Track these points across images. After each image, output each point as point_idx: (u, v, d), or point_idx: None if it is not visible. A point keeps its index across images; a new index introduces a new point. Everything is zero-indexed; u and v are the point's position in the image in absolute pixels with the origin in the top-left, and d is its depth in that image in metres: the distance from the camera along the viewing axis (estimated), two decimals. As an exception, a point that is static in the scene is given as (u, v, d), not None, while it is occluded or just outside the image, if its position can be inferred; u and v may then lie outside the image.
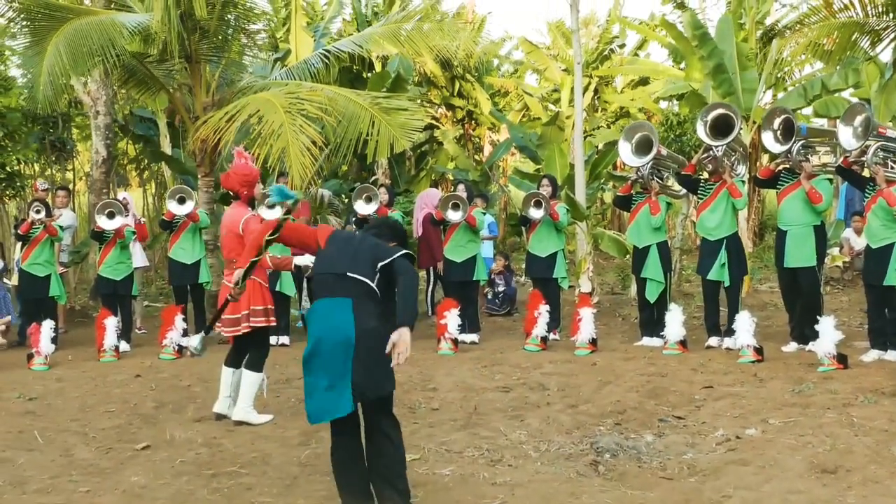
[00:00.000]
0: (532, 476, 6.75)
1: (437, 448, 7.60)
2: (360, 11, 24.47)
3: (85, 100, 18.11)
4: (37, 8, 13.83)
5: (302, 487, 6.72)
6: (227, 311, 8.45)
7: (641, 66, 25.45)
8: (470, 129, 28.07)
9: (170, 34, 13.33)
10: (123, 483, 6.96)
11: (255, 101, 13.35)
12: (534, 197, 13.06)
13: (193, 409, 9.41)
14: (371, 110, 13.80)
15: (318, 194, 16.23)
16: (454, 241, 13.15)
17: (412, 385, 10.14)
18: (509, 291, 15.87)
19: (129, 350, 13.10)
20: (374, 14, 24.42)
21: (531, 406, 9.04)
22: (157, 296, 19.07)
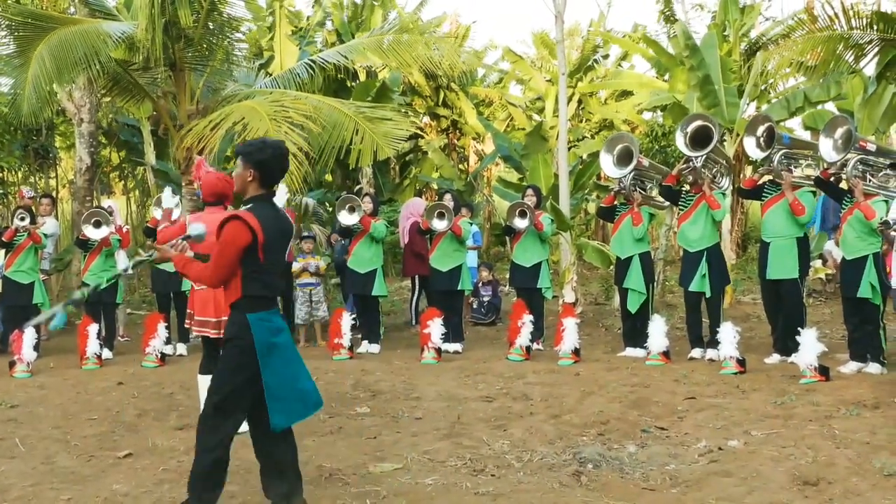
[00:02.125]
0: (515, 486, 6.75)
1: (419, 457, 7.59)
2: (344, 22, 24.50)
3: (69, 107, 18.09)
4: (21, 17, 13.80)
5: (285, 496, 6.70)
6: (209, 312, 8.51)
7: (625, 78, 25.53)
8: (454, 138, 28.12)
9: (154, 42, 13.32)
10: (105, 491, 6.94)
11: (239, 108, 13.35)
12: (518, 207, 13.08)
13: (176, 416, 9.39)
14: (355, 118, 13.82)
15: (303, 203, 16.24)
16: (440, 250, 13.17)
17: (395, 394, 10.15)
18: (494, 301, 15.89)
19: (111, 357, 13.08)
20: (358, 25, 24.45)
21: (514, 416, 9.05)
22: (139, 303, 19.02)
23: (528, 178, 19.15)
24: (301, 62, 16.48)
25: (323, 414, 9.25)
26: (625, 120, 26.55)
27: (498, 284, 16.34)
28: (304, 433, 8.52)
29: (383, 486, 6.80)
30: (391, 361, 12.23)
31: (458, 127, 27.59)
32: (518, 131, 26.52)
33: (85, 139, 18.08)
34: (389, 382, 10.74)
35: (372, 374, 11.29)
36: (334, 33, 24.52)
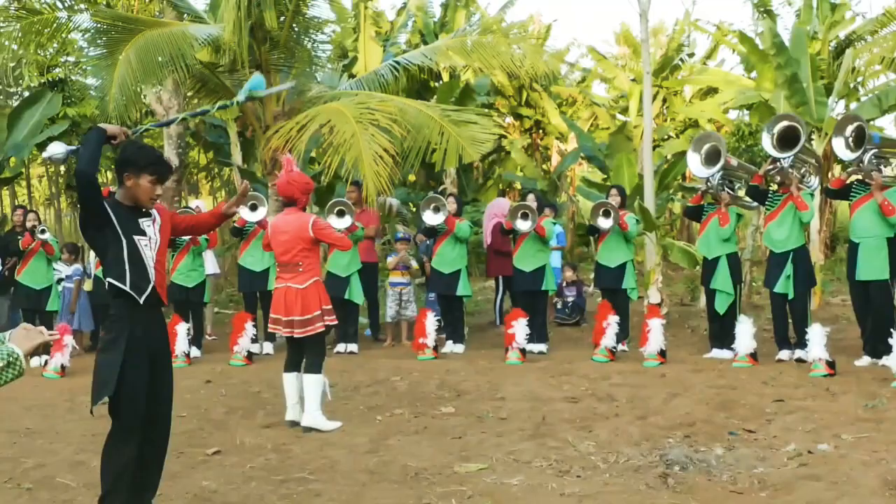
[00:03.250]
0: (601, 488, 6.71)
1: (504, 457, 7.59)
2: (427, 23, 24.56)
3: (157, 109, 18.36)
4: (111, 20, 14.06)
5: (370, 495, 6.74)
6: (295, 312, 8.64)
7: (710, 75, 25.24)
8: (538, 138, 28.05)
9: (240, 44, 13.48)
10: (194, 487, 7.04)
11: (325, 110, 13.47)
12: (602, 206, 13.01)
13: (263, 414, 9.50)
14: (440, 122, 13.86)
15: (387, 203, 16.32)
16: (523, 250, 13.13)
17: (480, 394, 10.16)
18: (578, 301, 15.83)
19: (200, 356, 13.26)
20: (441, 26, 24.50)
21: (599, 417, 9.01)
22: (227, 302, 19.25)
23: (611, 178, 19.06)
24: (385, 63, 16.57)
25: (408, 413, 9.32)
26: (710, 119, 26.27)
27: (582, 285, 16.28)
28: (389, 433, 8.58)
29: (469, 485, 6.81)
30: (475, 362, 12.24)
31: (541, 127, 27.52)
32: (602, 131, 26.40)
33: (173, 140, 18.34)
34: (474, 382, 10.75)
35: (456, 374, 11.31)
36: (417, 34, 24.59)
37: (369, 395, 10.29)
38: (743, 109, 23.59)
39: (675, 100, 27.28)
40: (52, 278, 13.72)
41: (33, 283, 13.50)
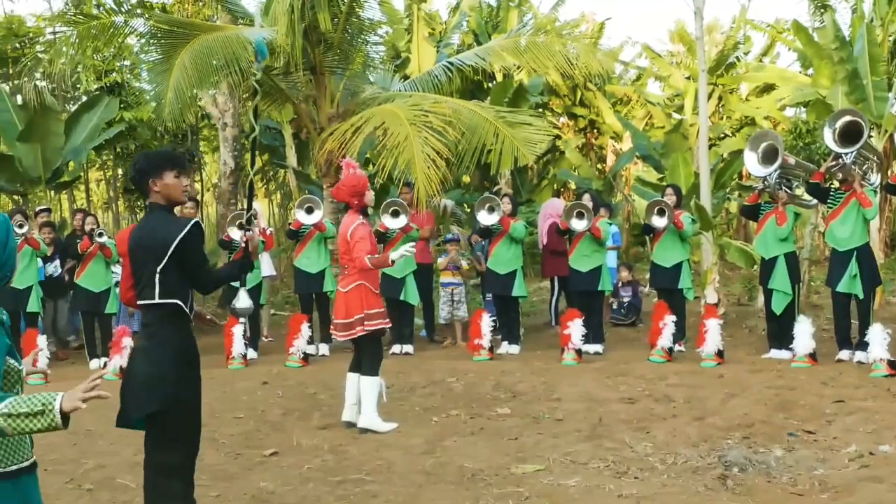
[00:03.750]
0: (659, 489, 6.67)
1: (561, 458, 7.57)
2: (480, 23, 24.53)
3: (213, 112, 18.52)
4: (167, 26, 14.18)
5: (427, 496, 6.74)
6: (340, 315, 8.66)
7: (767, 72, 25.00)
8: (592, 138, 27.94)
9: (294, 47, 13.55)
10: (252, 488, 7.08)
11: (380, 112, 13.50)
12: (657, 205, 12.91)
13: (319, 416, 9.53)
14: (495, 123, 13.85)
15: (441, 205, 16.32)
16: (579, 251, 13.06)
17: (536, 395, 10.13)
18: (634, 302, 15.73)
19: (256, 358, 13.32)
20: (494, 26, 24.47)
21: (657, 418, 8.95)
22: (283, 304, 19.34)
23: (667, 177, 18.94)
24: (439, 64, 16.59)
25: (464, 415, 9.31)
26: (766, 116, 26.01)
27: (638, 285, 16.17)
28: (445, 434, 8.58)
29: (525, 486, 6.80)
30: (531, 362, 12.20)
31: (595, 126, 27.41)
32: (657, 130, 26.23)
33: (228, 143, 18.48)
34: (530, 383, 10.72)
35: (512, 374, 11.28)
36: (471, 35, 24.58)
37: (425, 397, 10.29)
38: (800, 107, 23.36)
39: (731, 98, 27.03)
40: (110, 281, 13.84)
41: (92, 286, 13.61)
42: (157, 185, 5.67)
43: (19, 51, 21.61)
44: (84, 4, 18.08)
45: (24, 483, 3.68)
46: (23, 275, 13.11)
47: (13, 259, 3.69)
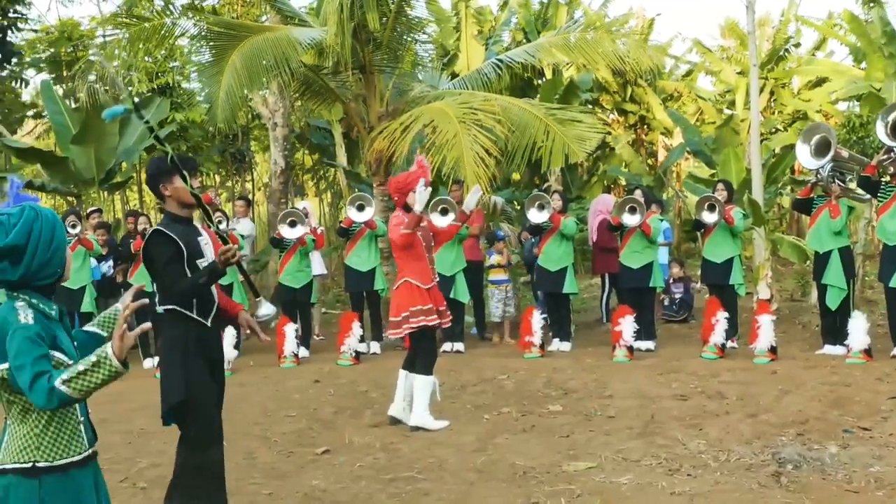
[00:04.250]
0: (712, 486, 6.63)
1: (613, 456, 7.54)
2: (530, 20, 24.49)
3: (264, 112, 18.62)
4: (218, 28, 14.27)
5: (478, 494, 6.74)
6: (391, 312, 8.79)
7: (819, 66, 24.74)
8: (642, 133, 27.80)
9: (343, 47, 13.59)
10: (304, 486, 7.12)
11: (429, 110, 13.51)
12: (707, 200, 12.83)
13: (371, 414, 9.56)
14: (545, 120, 13.81)
15: (491, 202, 16.31)
16: (630, 247, 13.01)
17: (588, 392, 10.11)
18: (686, 298, 15.64)
19: (308, 356, 13.38)
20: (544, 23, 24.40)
21: (709, 415, 8.90)
22: (334, 303, 19.42)
23: (719, 173, 18.80)
24: (488, 62, 16.58)
25: (516, 412, 9.31)
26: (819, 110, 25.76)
27: (690, 281, 16.08)
28: (496, 431, 8.58)
29: (577, 484, 6.79)
30: (582, 359, 12.18)
31: (646, 122, 27.26)
32: (708, 125, 26.05)
33: (279, 143, 18.58)
34: (581, 381, 10.69)
35: (563, 372, 11.26)
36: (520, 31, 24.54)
37: (476, 394, 10.30)
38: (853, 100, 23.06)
39: (782, 92, 26.79)
40: (162, 281, 13.96)
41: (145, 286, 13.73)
42: (168, 189, 5.83)
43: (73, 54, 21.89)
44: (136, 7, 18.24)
45: (74, 477, 3.70)
46: (77, 275, 13.25)
47: (59, 257, 3.75)
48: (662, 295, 15.54)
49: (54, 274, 3.75)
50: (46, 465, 3.62)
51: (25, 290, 3.68)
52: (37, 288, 3.72)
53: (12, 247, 3.61)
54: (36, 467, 3.61)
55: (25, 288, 3.69)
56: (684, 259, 19.11)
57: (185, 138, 21.61)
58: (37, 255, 3.66)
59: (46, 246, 3.68)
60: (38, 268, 3.68)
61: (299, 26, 15.39)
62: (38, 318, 3.62)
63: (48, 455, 3.63)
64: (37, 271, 3.68)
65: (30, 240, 3.64)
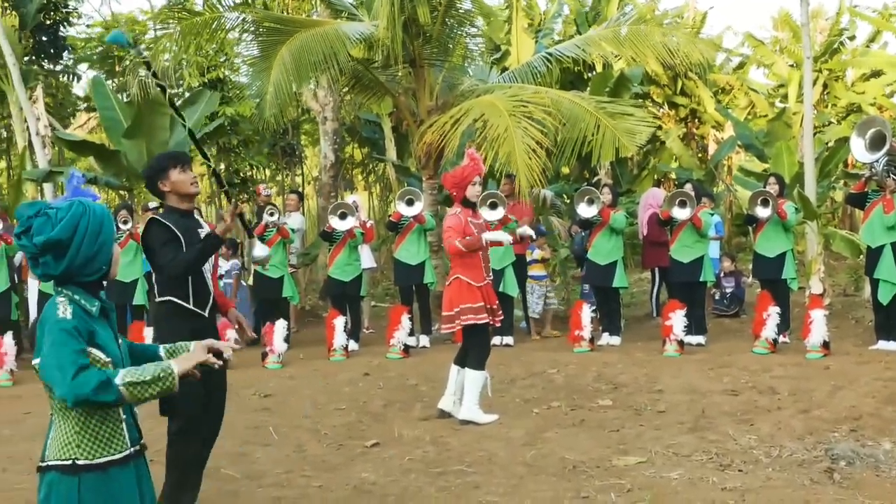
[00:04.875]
0: (763, 482, 6.58)
1: (663, 451, 7.51)
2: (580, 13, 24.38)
3: (314, 106, 18.68)
4: (268, 23, 14.32)
5: (528, 488, 6.74)
6: (443, 308, 8.76)
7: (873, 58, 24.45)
8: (693, 127, 27.60)
9: (394, 40, 13.60)
10: (354, 479, 7.14)
11: (479, 104, 13.50)
12: (760, 195, 12.73)
13: (420, 407, 9.58)
14: (596, 114, 13.76)
15: (541, 195, 16.27)
16: (680, 241, 12.92)
17: (638, 386, 10.06)
18: (737, 292, 15.52)
19: (357, 349, 13.42)
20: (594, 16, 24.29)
21: (761, 410, 8.83)
22: (383, 296, 19.46)
23: (771, 166, 18.63)
24: (538, 55, 16.53)
25: (565, 406, 9.29)
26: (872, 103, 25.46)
27: (741, 275, 15.95)
28: (546, 425, 8.57)
29: (627, 479, 6.76)
30: (632, 354, 12.12)
31: (696, 116, 27.08)
32: (760, 118, 25.83)
33: (329, 136, 18.63)
34: (631, 375, 10.64)
35: (613, 366, 11.20)
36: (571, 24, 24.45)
37: (525, 388, 10.28)
38: (908, 93, 22.81)
39: (836, 85, 26.49)
40: (215, 273, 14.06)
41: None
42: (167, 185, 5.98)
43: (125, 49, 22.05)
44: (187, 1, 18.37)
45: (114, 476, 3.67)
46: (128, 269, 13.42)
47: (105, 254, 3.73)
48: (713, 289, 15.41)
49: (99, 271, 3.73)
50: (86, 462, 3.61)
51: (69, 286, 3.69)
52: (81, 284, 3.71)
53: (56, 241, 3.60)
54: (76, 465, 3.60)
55: (69, 283, 3.69)
56: (735, 253, 18.97)
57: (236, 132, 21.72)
58: (81, 250, 3.64)
59: (92, 242, 3.66)
60: (83, 264, 3.66)
61: (349, 20, 15.42)
62: (77, 313, 3.61)
63: (88, 453, 3.61)
64: (81, 267, 3.67)
65: (75, 235, 3.63)
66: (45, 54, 21.76)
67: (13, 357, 12.31)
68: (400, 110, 16.31)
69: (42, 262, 3.65)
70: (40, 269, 3.68)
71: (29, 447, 8.17)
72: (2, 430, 9.31)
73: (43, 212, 3.66)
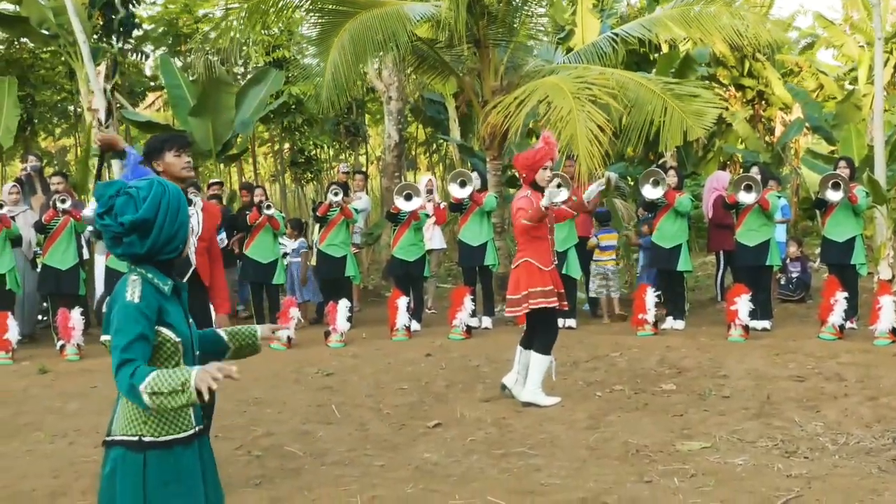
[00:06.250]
0: (830, 470, 6.50)
1: (728, 436, 7.45)
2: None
3: (378, 86, 18.70)
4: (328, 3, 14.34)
5: (591, 471, 6.71)
6: (509, 290, 8.68)
7: (948, 38, 24.00)
8: (760, 109, 27.28)
9: (458, 21, 13.56)
10: (416, 459, 7.16)
11: (543, 85, 13.42)
12: (832, 178, 12.54)
13: (482, 388, 9.58)
14: (663, 96, 13.62)
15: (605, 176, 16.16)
16: (747, 224, 12.75)
17: (702, 371, 9.97)
18: (803, 277, 15.33)
19: (419, 330, 13.43)
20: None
21: (827, 397, 8.72)
22: (445, 277, 19.47)
23: (839, 149, 18.38)
24: (603, 35, 16.40)
25: (628, 390, 9.25)
26: (946, 85, 25.02)
27: (807, 260, 15.75)
28: (609, 409, 8.54)
29: (691, 464, 6.72)
30: (696, 338, 12.00)
31: (764, 97, 26.75)
32: (829, 101, 25.47)
33: (393, 116, 18.65)
34: (695, 359, 10.54)
35: (677, 350, 11.10)
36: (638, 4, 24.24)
37: (588, 371, 10.23)
38: None
39: (908, 66, 26.06)
40: (278, 252, 14.15)
41: (260, 258, 13.94)
42: (161, 166, 6.14)
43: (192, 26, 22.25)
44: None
45: (178, 454, 3.72)
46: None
47: (184, 232, 3.81)
48: (779, 274, 15.23)
49: (176, 249, 3.80)
50: (151, 439, 3.66)
51: (144, 264, 3.73)
52: (155, 262, 3.76)
53: (143, 220, 3.66)
54: (142, 441, 3.66)
55: (148, 263, 3.74)
56: (802, 237, 18.74)
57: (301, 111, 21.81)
58: (164, 229, 3.70)
59: (173, 220, 3.73)
60: (164, 242, 3.73)
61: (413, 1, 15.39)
62: (148, 292, 3.65)
63: (154, 430, 3.67)
64: (162, 245, 3.73)
65: (158, 213, 3.69)
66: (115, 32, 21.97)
67: (80, 332, 12.48)
68: (464, 90, 16.25)
69: (127, 241, 3.69)
70: (122, 248, 3.72)
71: (96, 420, 8.30)
72: (69, 404, 9.44)
73: (123, 191, 3.71)
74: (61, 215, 12.98)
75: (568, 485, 6.40)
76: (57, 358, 12.14)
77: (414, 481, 6.63)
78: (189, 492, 3.76)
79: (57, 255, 13.08)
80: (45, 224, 13.08)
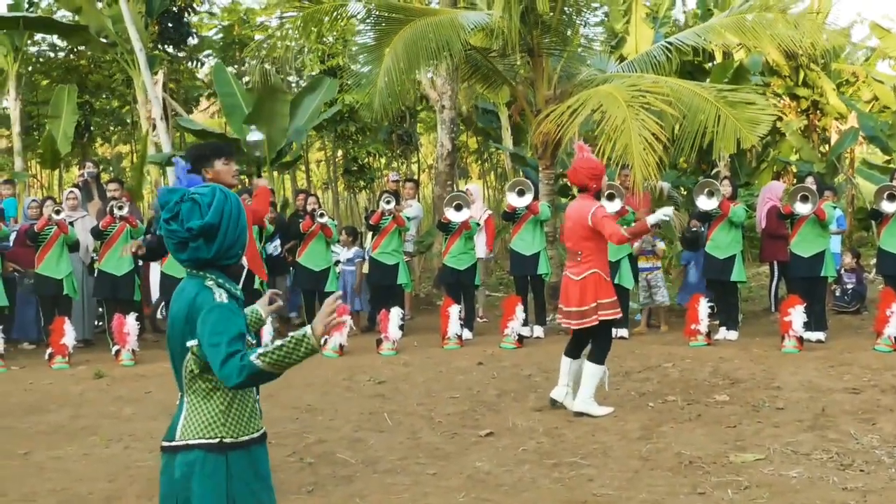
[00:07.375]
0: (886, 483, 6.44)
1: (782, 448, 7.40)
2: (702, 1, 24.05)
3: (431, 95, 18.75)
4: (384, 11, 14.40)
5: (644, 482, 6.70)
6: (572, 303, 8.63)
7: None
8: (815, 119, 27.05)
9: (511, 29, 13.58)
10: (468, 468, 7.18)
11: (597, 94, 13.39)
12: (887, 189, 12.41)
13: (534, 398, 9.58)
14: (716, 104, 13.53)
15: (658, 187, 16.10)
16: (801, 235, 12.64)
17: (755, 382, 9.90)
18: (859, 289, 15.17)
19: (471, 338, 13.43)
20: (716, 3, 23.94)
21: (884, 409, 8.63)
22: (497, 285, 19.47)
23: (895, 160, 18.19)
24: (657, 44, 16.34)
25: (681, 400, 9.21)
26: None
27: (863, 271, 15.59)
28: (662, 419, 8.50)
29: (744, 476, 6.69)
30: (750, 349, 11.90)
31: (818, 107, 26.52)
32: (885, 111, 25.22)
33: (446, 125, 18.68)
34: (748, 371, 10.46)
35: (730, 361, 11.03)
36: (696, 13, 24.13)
37: (641, 381, 10.20)
38: None
39: (969, 76, 25.77)
40: (330, 260, 14.23)
41: (313, 265, 14.02)
42: (210, 173, 6.26)
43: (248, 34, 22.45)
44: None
45: (255, 453, 3.87)
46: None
47: (244, 237, 3.90)
48: (834, 285, 15.09)
49: (237, 255, 3.91)
50: (232, 441, 3.79)
51: (211, 269, 3.82)
52: (220, 267, 3.86)
53: (209, 225, 3.75)
54: (223, 443, 3.77)
55: (212, 267, 3.83)
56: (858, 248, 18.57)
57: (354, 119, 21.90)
58: (227, 234, 3.80)
59: (235, 226, 3.83)
60: (228, 247, 3.83)
61: (468, 9, 15.42)
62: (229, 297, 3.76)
63: (233, 432, 3.80)
64: (226, 250, 3.83)
65: (222, 219, 3.79)
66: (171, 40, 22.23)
67: (135, 337, 12.61)
68: (517, 99, 16.27)
69: (193, 246, 3.78)
70: (188, 252, 3.80)
71: (151, 426, 8.39)
72: (125, 409, 9.55)
73: (188, 197, 3.79)
74: (118, 221, 13.12)
75: (620, 496, 6.40)
76: (112, 363, 12.26)
77: (466, 490, 6.65)
78: (267, 489, 3.92)
79: (113, 261, 13.21)
80: (102, 230, 13.22)
